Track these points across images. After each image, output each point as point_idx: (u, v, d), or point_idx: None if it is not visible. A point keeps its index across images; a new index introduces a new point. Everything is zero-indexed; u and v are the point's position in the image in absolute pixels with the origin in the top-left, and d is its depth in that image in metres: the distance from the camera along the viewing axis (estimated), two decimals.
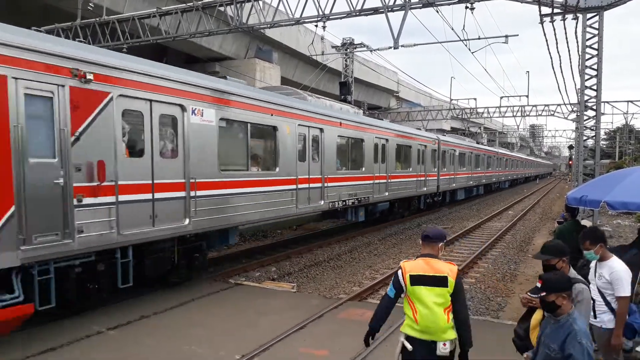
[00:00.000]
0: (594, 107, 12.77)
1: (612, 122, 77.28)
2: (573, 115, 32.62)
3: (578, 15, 12.18)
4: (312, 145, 12.99)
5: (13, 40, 6.14)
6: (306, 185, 12.64)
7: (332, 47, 26.17)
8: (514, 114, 38.27)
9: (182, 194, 8.58)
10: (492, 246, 15.26)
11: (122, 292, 8.09)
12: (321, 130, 13.36)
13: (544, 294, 3.34)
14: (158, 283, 9.15)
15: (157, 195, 8.08)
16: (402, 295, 3.99)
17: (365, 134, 16.12)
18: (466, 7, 13.30)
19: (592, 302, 4.24)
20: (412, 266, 3.93)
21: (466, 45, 17.73)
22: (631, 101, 32.86)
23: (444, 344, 3.78)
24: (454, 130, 53.80)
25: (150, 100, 7.97)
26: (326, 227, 18.61)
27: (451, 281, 3.81)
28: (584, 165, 13.25)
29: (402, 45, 16.04)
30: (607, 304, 4.51)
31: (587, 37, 12.34)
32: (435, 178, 23.79)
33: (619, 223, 20.44)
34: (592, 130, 13.09)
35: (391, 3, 13.87)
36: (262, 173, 11.03)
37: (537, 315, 3.83)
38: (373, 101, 44.34)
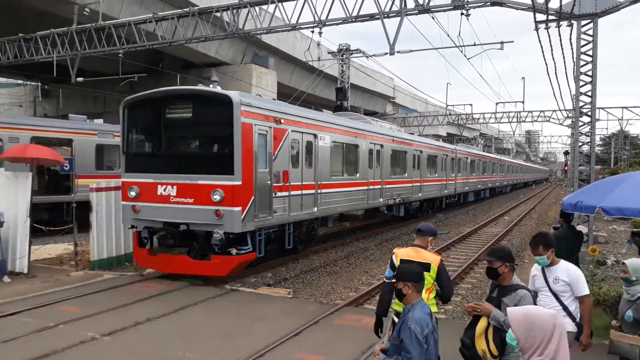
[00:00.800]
0: (589, 113, 12.83)
1: (607, 128, 77.64)
2: (568, 121, 32.81)
3: (572, 22, 12.25)
4: (376, 157, 16.98)
5: (253, 103, 10.37)
6: (372, 187, 16.63)
7: (329, 52, 26.26)
8: (510, 119, 38.44)
9: (313, 191, 12.77)
10: None
11: (122, 298, 8.03)
12: (382, 146, 17.49)
13: (394, 280, 3.64)
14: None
15: (304, 191, 12.26)
16: None
17: (407, 147, 20.47)
18: (462, 14, 13.36)
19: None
20: (403, 252, 4.80)
21: (462, 52, 17.83)
22: (626, 107, 33.08)
23: None
24: (449, 136, 53.94)
25: (302, 132, 12.24)
26: (322, 232, 18.56)
27: (434, 268, 4.60)
28: (579, 171, 13.28)
29: (398, 52, 16.11)
30: (565, 308, 4.49)
31: (582, 44, 12.40)
32: (453, 182, 27.84)
33: (615, 229, 20.49)
34: (587, 136, 13.14)
35: (387, 9, 13.92)
36: (349, 177, 15.19)
37: (482, 323, 3.79)
38: (369, 107, 44.42)
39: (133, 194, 10.48)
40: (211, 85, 10.62)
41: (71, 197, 13.73)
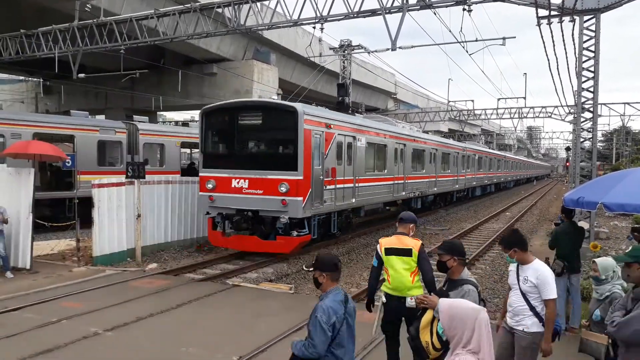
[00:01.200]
0: (591, 109, 12.79)
1: (609, 124, 77.48)
2: (570, 117, 32.71)
3: (575, 17, 12.21)
4: (399, 155, 19.05)
5: (311, 112, 12.49)
6: (397, 182, 18.82)
7: (330, 48, 26.18)
8: (512, 115, 38.37)
9: (352, 185, 14.68)
10: (490, 247, 15.27)
11: (124, 293, 8.04)
12: (404, 145, 19.59)
13: (312, 269, 3.74)
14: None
15: (345, 185, 14.21)
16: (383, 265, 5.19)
17: (425, 146, 22.64)
18: (463, 9, 13.32)
19: (482, 302, 4.30)
20: (387, 241, 5.19)
21: (463, 47, 17.77)
22: (628, 103, 33.00)
23: (411, 298, 4.94)
24: (451, 132, 53.85)
25: (345, 135, 14.26)
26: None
27: (415, 252, 5.01)
28: (581, 167, 13.25)
29: (399, 47, 16.01)
30: (532, 308, 4.44)
31: (584, 40, 12.35)
32: (464, 178, 30.27)
33: (616, 224, 20.48)
34: (589, 132, 13.11)
35: (389, 5, 13.89)
36: (379, 173, 17.18)
37: (428, 316, 3.82)
38: (371, 103, 44.35)
39: (210, 186, 12.56)
40: (274, 97, 13.58)
41: (73, 193, 13.76)
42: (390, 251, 5.12)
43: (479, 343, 2.55)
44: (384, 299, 5.17)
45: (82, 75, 21.42)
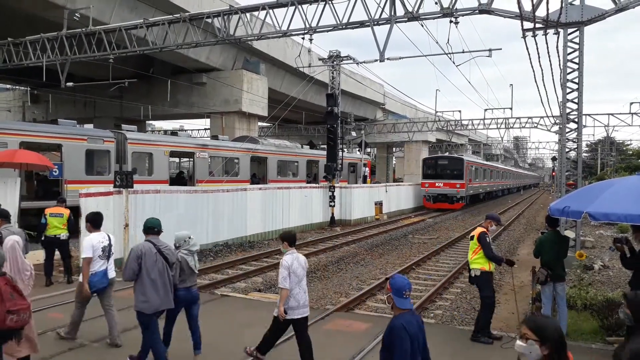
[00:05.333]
0: (576, 120, 12.98)
1: (593, 135, 78.53)
2: (556, 128, 33.17)
3: (559, 30, 12.43)
4: (484, 173, 41.24)
5: (466, 158, 37.26)
6: (483, 184, 41.90)
7: (319, 59, 26.35)
8: (498, 126, 38.82)
9: (471, 184, 36.26)
10: None
11: None
12: (485, 170, 42.46)
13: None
14: None
15: (471, 185, 36.33)
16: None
17: (489, 168, 43.32)
18: (450, 21, 13.52)
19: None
20: (474, 230, 7.69)
21: (451, 59, 18.01)
22: (612, 114, 33.57)
23: (471, 270, 7.41)
24: (439, 142, 54.24)
25: (472, 165, 36.99)
26: (313, 238, 18.59)
27: (475, 237, 7.35)
28: (566, 177, 13.42)
29: (387, 58, 16.22)
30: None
31: (568, 52, 12.56)
32: (500, 184, 51.11)
33: (601, 234, 20.72)
34: (574, 142, 13.29)
35: (377, 17, 14.05)
36: (476, 180, 38.39)
37: None
38: (360, 113, 44.59)
39: (426, 185, 33.88)
40: (447, 153, 44.63)
41: None
42: (470, 237, 7.66)
43: (12, 258, 4.35)
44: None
45: (70, 84, 21.33)
